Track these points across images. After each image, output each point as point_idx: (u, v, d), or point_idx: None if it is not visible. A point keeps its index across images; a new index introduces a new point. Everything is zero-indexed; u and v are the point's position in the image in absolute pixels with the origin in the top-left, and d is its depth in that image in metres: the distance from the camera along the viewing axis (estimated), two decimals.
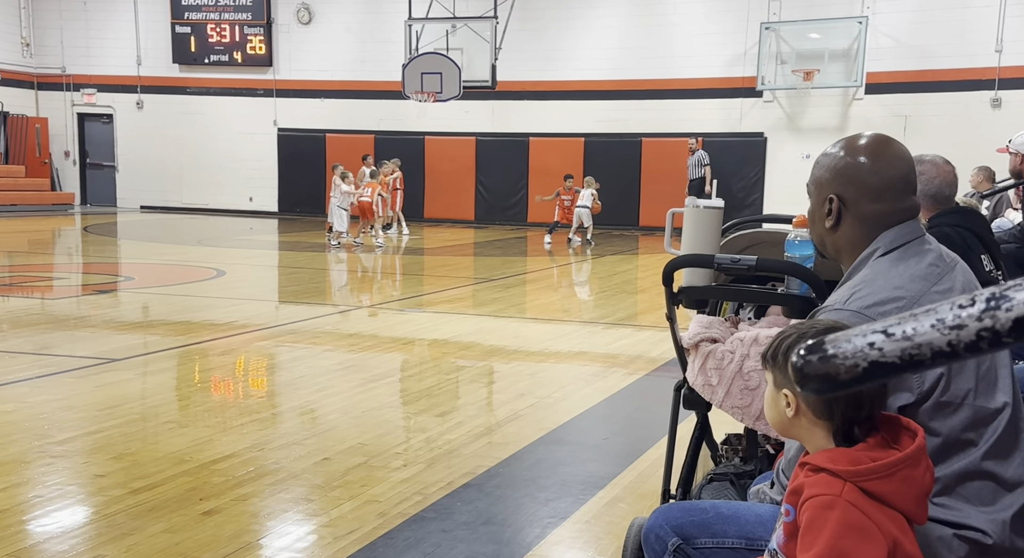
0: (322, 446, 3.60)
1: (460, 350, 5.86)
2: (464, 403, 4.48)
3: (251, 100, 18.92)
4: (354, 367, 5.11)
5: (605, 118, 16.99)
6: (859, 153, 1.66)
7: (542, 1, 16.81)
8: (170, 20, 18.81)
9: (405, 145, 17.87)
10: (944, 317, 0.59)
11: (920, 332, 0.60)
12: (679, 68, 16.42)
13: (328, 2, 18.29)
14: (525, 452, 3.65)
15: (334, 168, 13.47)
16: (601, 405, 4.50)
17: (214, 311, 6.94)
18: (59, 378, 4.57)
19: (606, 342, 6.37)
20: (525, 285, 9.60)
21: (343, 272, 10.62)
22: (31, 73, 19.40)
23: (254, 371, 5.23)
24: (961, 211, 2.85)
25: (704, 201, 2.31)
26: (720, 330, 2.46)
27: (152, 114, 19.38)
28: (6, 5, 18.94)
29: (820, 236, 1.73)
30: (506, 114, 17.53)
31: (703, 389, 2.41)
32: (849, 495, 1.25)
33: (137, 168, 19.66)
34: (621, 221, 16.98)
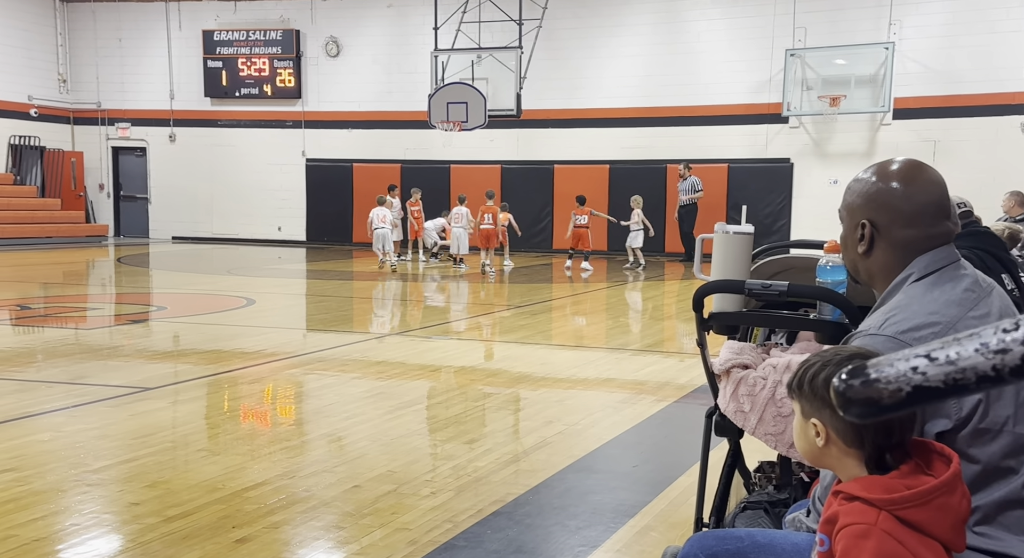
0: (352, 473, 3.61)
1: (487, 377, 5.86)
2: (492, 430, 4.47)
3: (280, 131, 19.24)
4: (382, 394, 5.13)
5: (630, 145, 17.04)
6: (891, 178, 1.66)
7: (566, 30, 16.99)
8: (202, 55, 19.25)
9: (431, 174, 18.04)
10: (988, 341, 0.59)
11: (964, 356, 0.60)
12: (704, 95, 16.46)
13: (356, 35, 18.62)
14: (554, 480, 3.63)
15: (460, 199, 14.48)
16: (630, 432, 4.47)
17: (244, 340, 7.01)
18: (94, 407, 4.63)
19: (634, 369, 6.33)
20: (552, 312, 9.60)
21: (371, 300, 10.69)
22: (67, 108, 19.91)
23: (284, 399, 5.27)
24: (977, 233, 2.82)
25: (734, 227, 2.31)
26: (751, 356, 2.45)
27: (184, 147, 19.77)
28: (44, 43, 19.51)
29: (853, 262, 1.73)
30: (531, 142, 17.65)
31: (735, 416, 2.39)
32: (885, 524, 1.24)
33: (169, 200, 20.01)
34: (647, 247, 16.90)
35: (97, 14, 19.81)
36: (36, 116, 19.16)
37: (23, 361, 5.97)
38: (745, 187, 16.32)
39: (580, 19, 17.07)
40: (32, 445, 3.86)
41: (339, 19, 18.67)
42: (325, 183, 18.94)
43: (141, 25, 19.65)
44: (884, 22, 15.35)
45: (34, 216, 17.72)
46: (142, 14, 19.63)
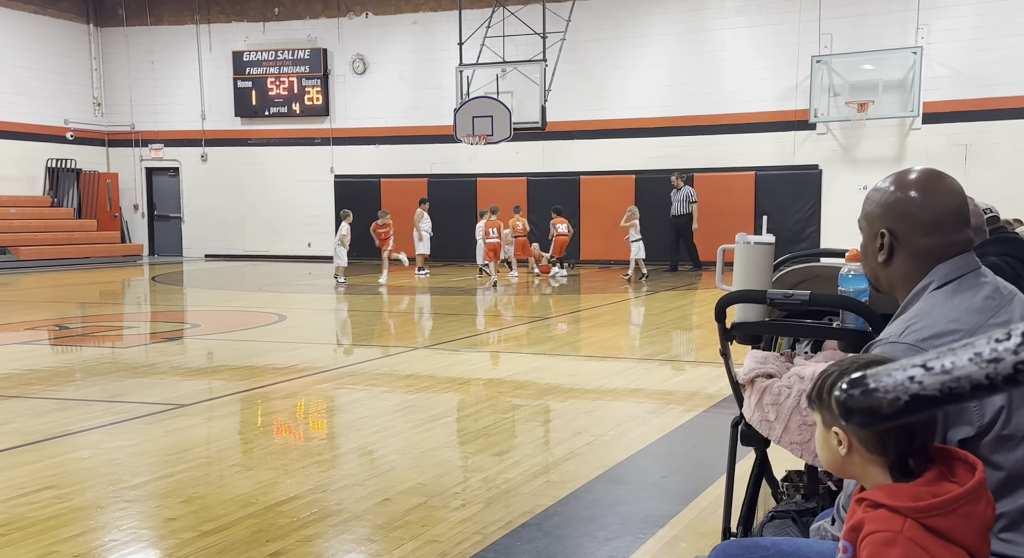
0: (382, 487, 3.65)
1: (515, 389, 5.89)
2: (521, 442, 4.49)
3: (309, 149, 19.51)
4: (412, 408, 5.17)
5: (656, 154, 17.02)
6: (909, 188, 1.67)
7: (590, 42, 17.05)
8: (232, 76, 19.60)
9: (457, 187, 18.16)
10: (981, 351, 0.61)
11: (958, 366, 0.63)
12: (729, 103, 16.41)
13: (382, 52, 18.85)
14: (583, 491, 3.64)
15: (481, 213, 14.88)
16: (658, 443, 4.47)
17: (276, 355, 7.11)
18: (131, 424, 4.73)
19: (662, 379, 6.32)
20: (579, 322, 9.60)
21: (397, 315, 10.77)
22: (102, 131, 20.37)
23: (315, 414, 5.34)
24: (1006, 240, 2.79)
25: (754, 237, 2.32)
26: (775, 365, 2.45)
27: (215, 166, 20.12)
28: (79, 67, 20.00)
29: (873, 271, 1.74)
30: (557, 154, 17.71)
31: (760, 425, 2.40)
32: (910, 532, 1.24)
33: (201, 218, 20.35)
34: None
35: (130, 38, 20.27)
36: (72, 139, 19.62)
37: (62, 380, 6.11)
38: (773, 195, 16.21)
39: (604, 31, 17.13)
40: (72, 462, 3.96)
41: (365, 37, 18.92)
42: (353, 199, 19.12)
43: (172, 48, 20.08)
44: (911, 26, 15.20)
45: (71, 237, 18.11)
46: (173, 37, 20.06)
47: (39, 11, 19.03)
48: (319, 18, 19.22)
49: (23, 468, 3.75)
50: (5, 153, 18.08)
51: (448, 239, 17.40)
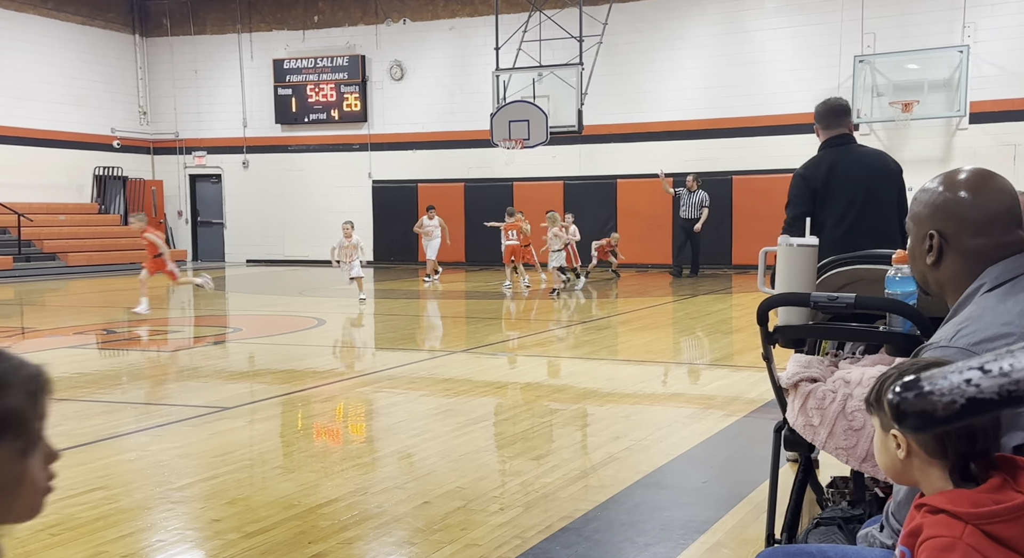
0: (422, 490, 3.67)
1: (553, 393, 5.88)
2: (559, 446, 4.48)
3: (347, 155, 19.72)
4: (450, 411, 5.19)
5: (694, 157, 16.88)
6: (959, 188, 1.63)
7: (627, 45, 16.98)
8: (273, 83, 19.91)
9: (494, 192, 18.20)
10: None
11: (1018, 368, 0.61)
12: (769, 105, 16.21)
13: (419, 58, 18.99)
14: (623, 496, 3.62)
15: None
16: (699, 448, 4.42)
17: (316, 359, 7.19)
18: (176, 427, 4.82)
19: (702, 383, 6.26)
20: (617, 326, 9.55)
21: (436, 318, 10.82)
22: (148, 139, 20.82)
23: (354, 417, 5.39)
24: None
25: (798, 239, 2.29)
26: (820, 369, 2.41)
27: (257, 172, 20.43)
28: (125, 77, 20.48)
29: (922, 273, 1.70)
30: (593, 157, 17.66)
31: (804, 430, 2.36)
32: (970, 538, 1.21)
33: (243, 224, 20.68)
34: (714, 260, 16.72)
35: (174, 47, 20.70)
36: (119, 147, 20.09)
37: (110, 383, 6.25)
38: None
39: (641, 33, 17.05)
40: (119, 464, 4.05)
41: (403, 43, 19.08)
42: (391, 204, 19.30)
43: (215, 56, 20.46)
44: (957, 25, 14.88)
45: (117, 243, 18.52)
46: (216, 46, 20.44)
47: (87, 22, 19.54)
48: (357, 25, 19.44)
49: (73, 469, 3.84)
50: (55, 162, 18.57)
51: (485, 244, 17.46)
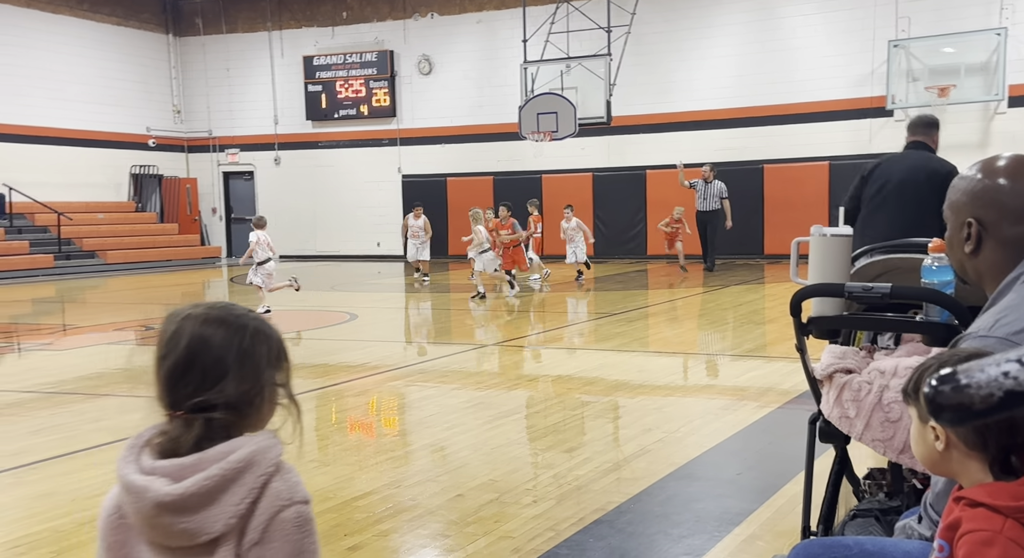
0: (455, 483, 3.69)
1: (584, 386, 5.87)
2: (591, 439, 4.48)
3: (377, 150, 19.82)
4: (482, 404, 5.21)
5: (725, 146, 16.71)
6: (998, 175, 1.61)
7: (655, 35, 16.84)
8: (303, 80, 20.07)
9: (523, 184, 18.18)
10: None
11: None
12: (801, 92, 15.99)
13: (447, 52, 19.02)
14: (656, 488, 3.61)
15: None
16: (732, 439, 4.39)
17: (349, 353, 7.26)
18: None
19: (734, 374, 6.22)
20: (648, 318, 9.51)
21: (466, 312, 10.85)
22: (182, 137, 21.12)
23: (387, 410, 5.44)
24: None
25: (831, 228, 2.26)
26: (855, 360, 2.38)
27: (288, 169, 20.63)
28: (160, 76, 20.78)
29: (960, 262, 1.67)
30: (622, 148, 17.56)
31: (840, 422, 2.33)
32: (1010, 532, 1.19)
33: (275, 220, 20.80)
34: (745, 250, 16.57)
35: (207, 46, 20.95)
36: (154, 146, 20.40)
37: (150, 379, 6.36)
38: (848, 184, 15.74)
39: (669, 23, 16.89)
40: None
41: (431, 37, 19.12)
42: (420, 198, 19.33)
43: (247, 55, 20.66)
44: (995, 7, 14.53)
45: (154, 241, 18.84)
46: (247, 44, 20.64)
47: (122, 23, 19.84)
48: (385, 20, 19.51)
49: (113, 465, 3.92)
50: (93, 161, 18.92)
51: None
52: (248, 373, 1.25)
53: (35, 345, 8.10)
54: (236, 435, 1.24)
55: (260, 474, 1.22)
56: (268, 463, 1.23)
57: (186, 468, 1.20)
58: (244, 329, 1.27)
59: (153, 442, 1.27)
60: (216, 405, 1.22)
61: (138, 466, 1.24)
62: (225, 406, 1.23)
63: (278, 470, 1.25)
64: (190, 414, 1.23)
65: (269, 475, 1.23)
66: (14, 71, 17.43)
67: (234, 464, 1.20)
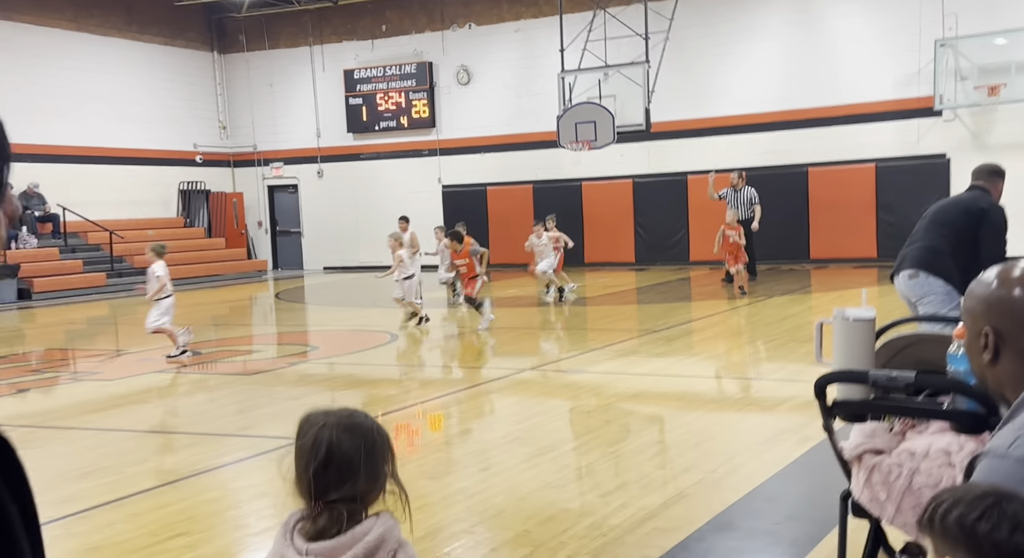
0: (489, 536, 3.71)
1: (622, 417, 5.85)
2: (627, 481, 4.46)
3: (417, 160, 19.98)
4: (518, 440, 5.23)
5: (768, 150, 16.47)
6: (1014, 284, 1.57)
7: (695, 39, 16.66)
8: (344, 94, 20.33)
9: (562, 193, 18.16)
10: None
11: None
12: (846, 93, 15.67)
13: (485, 62, 19.08)
14: (692, 540, 3.59)
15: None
16: (772, 481, 4.34)
17: (388, 381, 7.34)
18: (256, 461, 5.00)
19: (775, 402, 6.13)
20: (690, 335, 9.43)
21: (509, 330, 10.85)
22: (228, 153, 21.57)
23: (425, 448, 5.48)
24: None
25: (854, 311, 2.23)
26: (885, 439, 2.35)
27: (330, 181, 20.93)
28: (205, 93, 21.24)
29: (979, 369, 1.64)
30: (662, 154, 17.42)
31: (871, 504, 2.31)
32: None
33: (319, 232, 21.22)
34: (791, 255, 16.31)
35: (250, 62, 21.35)
36: (201, 162, 20.87)
37: (197, 411, 6.52)
38: (895, 187, 15.40)
39: (708, 27, 16.70)
40: (201, 506, 4.23)
41: (469, 47, 19.20)
42: (461, 208, 19.47)
43: (289, 70, 21.01)
44: None
45: (203, 256, 19.27)
46: (289, 59, 20.99)
47: (169, 42, 20.33)
48: (424, 32, 19.65)
49: (157, 512, 4.04)
50: (142, 179, 19.43)
51: None
52: (371, 471, 1.61)
53: (85, 373, 8.35)
54: (363, 517, 1.61)
55: (389, 550, 1.57)
56: (394, 540, 1.59)
57: (336, 550, 1.56)
58: (366, 435, 1.63)
59: (299, 526, 1.62)
60: (348, 497, 1.58)
61: (295, 548, 1.59)
62: (354, 498, 1.59)
63: (400, 545, 1.60)
64: (328, 504, 1.59)
65: (395, 550, 1.58)
66: (66, 94, 17.98)
67: (371, 543, 1.55)
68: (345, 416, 1.65)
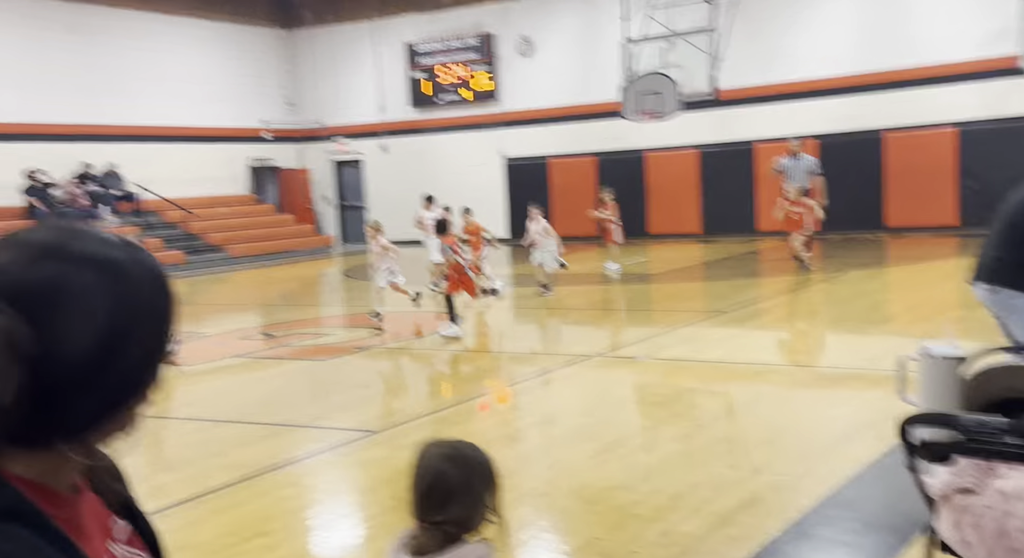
0: (559, 542, 3.72)
1: (689, 409, 5.77)
2: (697, 481, 4.40)
3: (479, 133, 19.91)
4: (585, 435, 5.21)
5: (841, 115, 15.87)
6: None
7: (761, 3, 16.05)
8: (407, 67, 20.32)
9: (626, 164, 17.89)
10: None
11: None
12: (924, 54, 14.93)
13: (547, 32, 18.79)
14: (767, 552, 3.52)
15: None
16: (850, 486, 4.22)
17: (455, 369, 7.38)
18: (328, 456, 5.10)
19: (850, 394, 5.95)
20: (759, 317, 9.21)
21: (570, 311, 10.79)
22: (295, 129, 21.87)
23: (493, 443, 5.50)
24: None
25: (941, 347, 2.11)
26: (974, 476, 2.24)
27: (394, 155, 21.04)
28: (272, 70, 21.50)
29: None
30: (729, 122, 16.95)
31: (959, 546, 2.21)
32: None
33: (383, 206, 21.40)
34: (864, 224, 15.77)
35: (315, 38, 21.51)
36: (270, 139, 21.22)
37: (271, 400, 6.69)
38: (979, 151, 14.68)
39: None
40: (278, 504, 4.34)
41: (530, 18, 18.92)
42: (523, 180, 19.38)
43: (352, 45, 21.09)
44: None
45: (273, 233, 19.69)
46: (352, 34, 21.05)
47: (236, 20, 20.61)
48: (485, 3, 19.42)
49: (237, 511, 4.17)
50: (213, 156, 19.88)
51: None
52: (470, 500, 1.77)
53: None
54: (463, 540, 1.77)
55: None
56: None
57: None
58: (470, 466, 1.80)
59: (408, 542, 1.80)
60: (448, 521, 1.75)
61: None
62: (454, 522, 1.76)
63: None
64: (430, 525, 1.76)
65: None
66: (138, 74, 18.44)
67: None
68: (452, 447, 1.85)
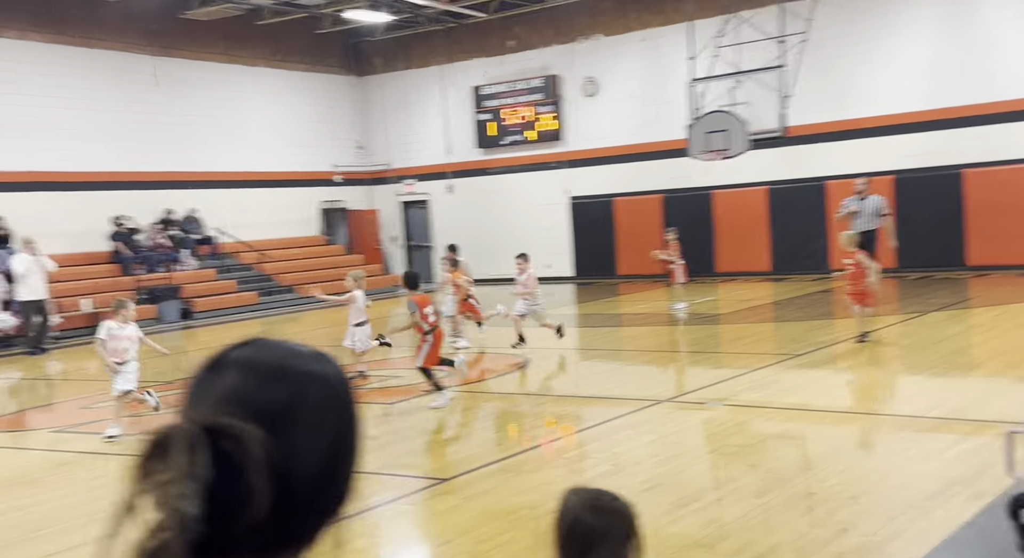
0: None
1: (768, 461, 5.58)
2: (779, 541, 4.23)
3: (544, 173, 20.04)
4: (659, 487, 5.09)
5: (917, 151, 15.45)
6: None
7: (833, 38, 15.84)
8: (473, 109, 20.68)
9: (693, 201, 17.73)
10: None
11: None
12: (1003, 89, 14.49)
13: (612, 72, 18.90)
14: None
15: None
16: (944, 548, 4.00)
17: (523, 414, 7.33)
18: (398, 505, 5.10)
19: (939, 446, 5.68)
20: (836, 361, 8.92)
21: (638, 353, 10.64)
22: (364, 172, 22.40)
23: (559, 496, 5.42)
24: None
25: None
26: None
27: (460, 196, 21.32)
28: (343, 115, 22.12)
29: None
30: (798, 159, 16.67)
31: None
32: None
33: None
34: (944, 262, 15.23)
35: (384, 84, 22.10)
36: (341, 182, 21.76)
37: None
38: None
39: (850, 25, 15.86)
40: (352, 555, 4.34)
41: (595, 58, 19.08)
42: (589, 219, 19.38)
43: (421, 89, 21.58)
44: None
45: (343, 273, 19.98)
46: (420, 79, 21.56)
47: (310, 69, 21.36)
48: (551, 46, 19.68)
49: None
50: (287, 200, 20.47)
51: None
52: (608, 549, 1.81)
53: None
54: None
55: None
56: None
57: None
58: (609, 516, 1.84)
59: None
60: None
61: None
62: None
63: None
64: None
65: None
66: (218, 123, 19.21)
67: None
68: (592, 496, 1.90)
